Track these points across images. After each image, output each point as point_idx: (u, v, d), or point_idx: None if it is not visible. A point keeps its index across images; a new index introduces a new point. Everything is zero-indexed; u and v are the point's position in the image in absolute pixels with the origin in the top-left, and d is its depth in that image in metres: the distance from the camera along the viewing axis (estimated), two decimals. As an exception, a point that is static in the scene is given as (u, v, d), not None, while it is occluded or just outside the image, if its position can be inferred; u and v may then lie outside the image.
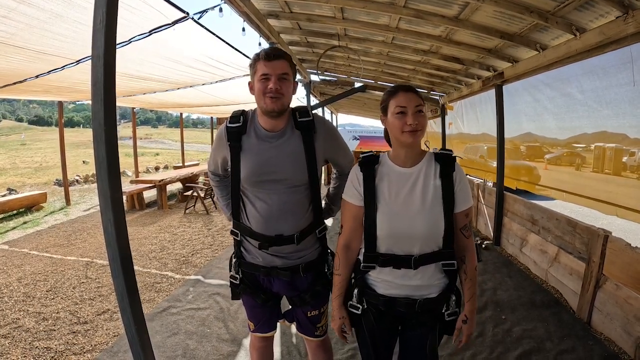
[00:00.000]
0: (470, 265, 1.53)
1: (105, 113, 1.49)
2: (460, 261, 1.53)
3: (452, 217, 1.47)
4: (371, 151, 1.59)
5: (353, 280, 1.64)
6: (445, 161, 1.49)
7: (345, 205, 1.59)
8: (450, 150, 1.53)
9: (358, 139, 20.48)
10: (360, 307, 1.59)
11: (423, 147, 1.59)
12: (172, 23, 3.30)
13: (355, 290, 1.61)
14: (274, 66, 1.55)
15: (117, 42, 1.55)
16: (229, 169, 1.72)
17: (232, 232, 1.79)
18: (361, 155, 1.58)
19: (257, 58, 1.58)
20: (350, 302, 1.62)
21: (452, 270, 1.51)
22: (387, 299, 1.52)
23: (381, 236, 1.47)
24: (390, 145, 1.58)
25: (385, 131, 1.59)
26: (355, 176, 1.56)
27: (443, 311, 1.53)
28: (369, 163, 1.54)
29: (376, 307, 1.56)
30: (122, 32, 3.18)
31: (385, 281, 1.53)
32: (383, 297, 1.53)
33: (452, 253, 1.49)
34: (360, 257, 1.60)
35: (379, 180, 1.51)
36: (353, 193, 1.55)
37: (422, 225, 1.43)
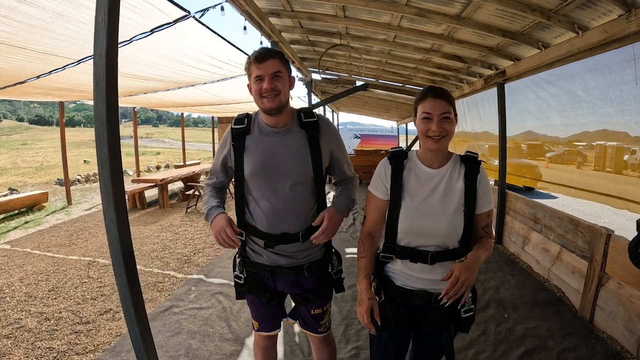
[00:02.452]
0: (486, 240, 1.53)
1: (107, 112, 1.49)
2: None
3: (472, 218, 1.49)
4: (400, 147, 1.63)
5: (373, 272, 1.67)
6: (471, 164, 1.52)
7: (371, 196, 1.63)
8: (476, 154, 1.55)
9: (359, 138, 20.53)
10: (378, 298, 1.61)
11: None
12: (174, 22, 3.29)
13: (374, 281, 1.64)
14: (266, 67, 1.57)
15: (119, 41, 1.55)
16: (232, 167, 1.74)
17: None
18: (391, 150, 1.62)
19: (249, 61, 1.61)
20: None
21: None
22: (404, 291, 1.56)
23: (401, 230, 1.52)
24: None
25: None
26: (383, 169, 1.59)
27: (459, 307, 1.53)
28: (398, 157, 1.58)
29: (394, 299, 1.59)
30: (124, 31, 3.18)
31: (403, 273, 1.56)
32: (400, 289, 1.56)
33: (468, 252, 1.51)
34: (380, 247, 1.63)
35: (406, 176, 1.55)
36: (379, 186, 1.59)
37: (441, 225, 1.47)
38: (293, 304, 1.89)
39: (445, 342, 1.55)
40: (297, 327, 2.24)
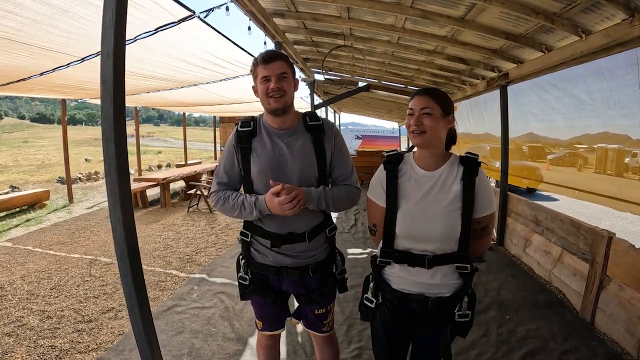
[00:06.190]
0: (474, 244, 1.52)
1: (114, 111, 1.49)
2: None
3: (470, 221, 1.45)
4: (396, 150, 1.63)
5: (370, 275, 1.68)
6: (469, 165, 1.47)
7: (372, 204, 1.62)
8: (477, 155, 1.51)
9: (361, 138, 20.56)
10: (375, 301, 1.62)
11: None
12: (178, 21, 3.30)
13: (372, 284, 1.64)
14: (272, 67, 1.61)
15: (124, 40, 1.56)
16: (240, 168, 1.73)
17: (241, 233, 1.80)
18: (386, 154, 1.60)
19: (255, 63, 1.65)
20: (366, 296, 1.66)
21: (467, 273, 1.51)
22: (401, 295, 1.55)
23: (399, 234, 1.51)
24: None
25: None
26: (380, 176, 1.59)
27: (455, 311, 1.53)
28: (393, 162, 1.57)
29: (391, 302, 1.59)
30: (128, 30, 3.17)
31: (400, 277, 1.56)
32: (397, 292, 1.56)
33: (467, 256, 1.49)
34: (378, 252, 1.63)
35: (401, 179, 1.53)
36: (379, 193, 1.58)
37: (438, 228, 1.45)
38: (297, 304, 1.90)
39: (442, 345, 1.53)
40: (300, 327, 2.26)
